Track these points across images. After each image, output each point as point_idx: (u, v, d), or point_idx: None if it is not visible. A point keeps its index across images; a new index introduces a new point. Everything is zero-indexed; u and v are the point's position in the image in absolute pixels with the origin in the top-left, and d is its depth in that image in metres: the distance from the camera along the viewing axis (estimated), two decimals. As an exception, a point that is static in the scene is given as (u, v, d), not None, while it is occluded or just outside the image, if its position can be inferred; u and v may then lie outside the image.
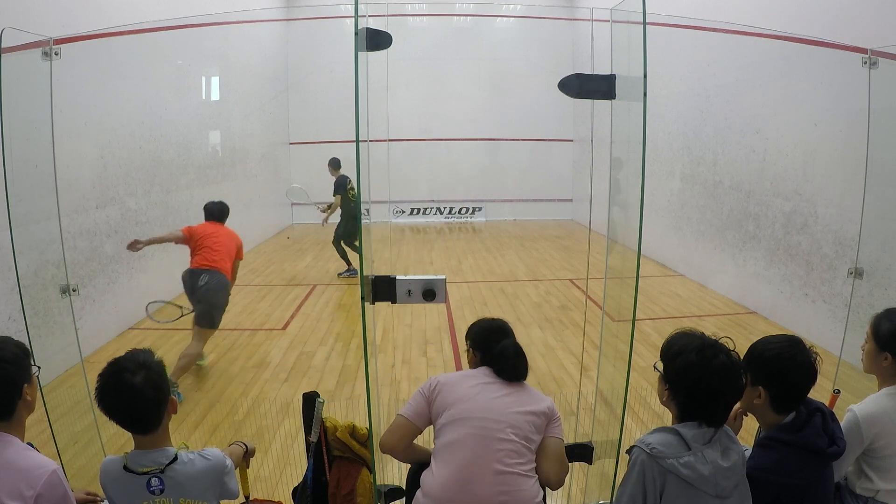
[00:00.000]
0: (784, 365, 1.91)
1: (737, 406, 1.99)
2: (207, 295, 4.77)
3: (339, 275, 8.55)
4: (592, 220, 6.17)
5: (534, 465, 2.11)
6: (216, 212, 5.42)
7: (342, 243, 8.49)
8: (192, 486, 1.81)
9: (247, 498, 2.38)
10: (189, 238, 5.01)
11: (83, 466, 3.08)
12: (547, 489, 2.21)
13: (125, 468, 1.80)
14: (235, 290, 7.92)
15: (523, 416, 2.12)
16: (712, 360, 1.75)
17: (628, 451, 1.84)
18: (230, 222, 5.60)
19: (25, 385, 1.82)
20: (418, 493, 2.08)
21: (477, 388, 2.18)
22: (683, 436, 1.76)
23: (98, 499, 2.12)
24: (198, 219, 8.21)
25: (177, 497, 1.80)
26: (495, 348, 2.28)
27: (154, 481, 1.78)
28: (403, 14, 11.98)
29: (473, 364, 2.40)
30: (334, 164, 8.64)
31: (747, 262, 6.90)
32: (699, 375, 1.75)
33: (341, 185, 8.41)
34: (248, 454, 2.31)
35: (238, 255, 5.35)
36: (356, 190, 2.17)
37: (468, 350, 2.46)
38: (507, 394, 2.17)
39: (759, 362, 1.94)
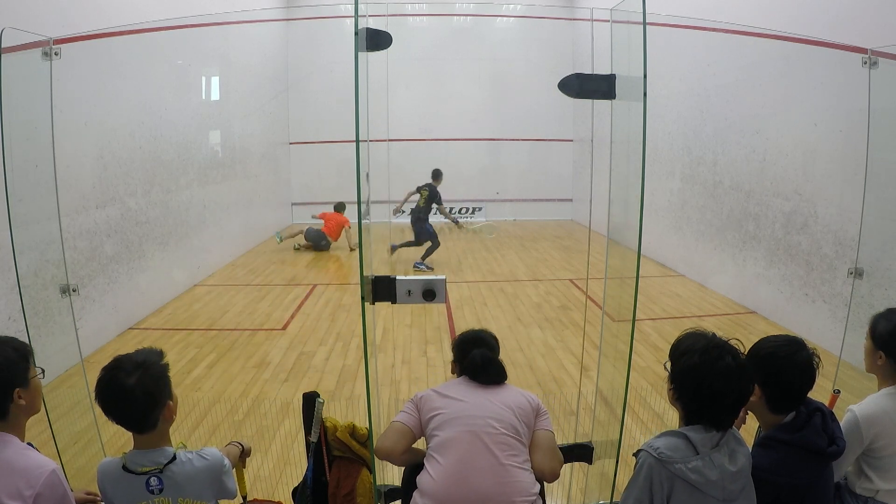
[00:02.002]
0: (779, 364, 1.91)
1: None
2: None
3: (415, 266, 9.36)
4: (592, 220, 6.17)
5: (527, 458, 2.13)
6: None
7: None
8: (190, 486, 1.81)
9: (244, 498, 2.37)
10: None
11: (83, 466, 3.08)
12: (547, 488, 2.21)
13: (124, 468, 1.80)
14: (235, 290, 7.96)
15: (508, 409, 2.17)
16: (716, 361, 1.74)
17: (635, 454, 1.83)
18: (229, 222, 5.58)
19: (19, 389, 1.79)
20: (415, 494, 2.08)
21: (461, 392, 2.25)
22: (691, 440, 1.75)
23: (98, 498, 2.11)
24: (198, 218, 8.30)
25: (175, 496, 1.80)
26: (465, 361, 2.36)
27: (153, 481, 1.79)
28: (403, 14, 11.98)
29: (456, 375, 2.45)
30: (433, 174, 9.90)
31: (747, 262, 6.90)
32: (702, 377, 1.74)
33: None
34: (244, 454, 2.31)
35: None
36: (358, 188, 2.16)
37: (452, 363, 2.53)
38: (491, 393, 2.24)
39: (756, 360, 1.95)
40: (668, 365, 1.87)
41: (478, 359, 2.31)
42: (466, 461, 2.04)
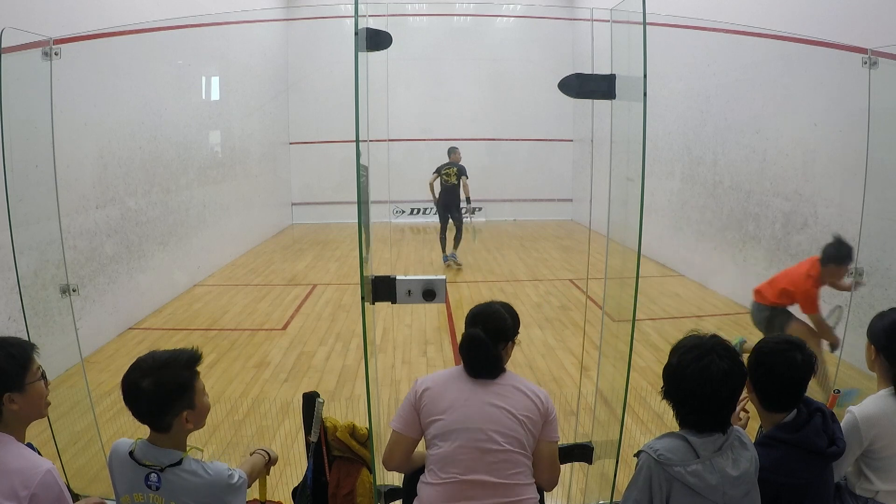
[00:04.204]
0: (769, 361, 1.92)
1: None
2: None
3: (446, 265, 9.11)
4: (592, 220, 6.17)
5: (530, 469, 2.06)
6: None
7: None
8: (185, 496, 1.80)
9: (262, 502, 2.38)
10: None
11: (83, 466, 3.08)
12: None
13: (131, 454, 1.82)
14: (235, 290, 7.96)
15: (516, 421, 2.02)
16: (695, 363, 1.73)
17: (636, 455, 1.83)
18: (228, 222, 5.57)
19: (11, 394, 1.79)
20: (416, 503, 2.07)
21: (463, 393, 2.06)
22: (692, 443, 1.74)
23: None
24: (198, 218, 8.29)
25: (169, 499, 1.80)
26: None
27: (153, 477, 1.80)
28: (403, 14, 11.97)
29: None
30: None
31: (747, 262, 6.90)
32: (681, 378, 1.76)
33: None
34: (270, 462, 2.29)
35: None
36: (358, 188, 2.17)
37: None
38: (495, 395, 2.05)
39: (752, 355, 1.97)
40: None
41: (465, 347, 2.08)
42: (466, 480, 1.98)
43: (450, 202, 9.18)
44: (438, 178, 9.34)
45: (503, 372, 2.12)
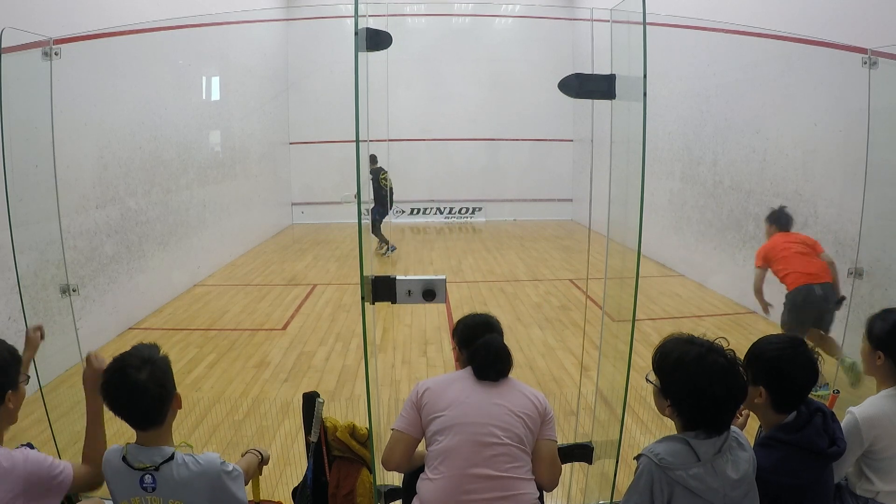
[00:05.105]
0: (785, 365, 1.90)
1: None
2: None
3: (382, 254, 9.22)
4: (592, 220, 6.18)
5: (530, 466, 2.08)
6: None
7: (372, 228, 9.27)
8: (183, 490, 1.80)
9: (258, 502, 2.38)
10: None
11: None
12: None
13: (123, 459, 1.82)
14: (235, 290, 7.96)
15: (515, 418, 2.07)
16: (711, 367, 1.71)
17: (636, 458, 1.82)
18: (229, 222, 5.58)
19: (10, 392, 1.82)
20: (415, 501, 2.07)
21: (464, 392, 2.13)
22: (693, 446, 1.73)
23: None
24: (198, 218, 8.30)
25: (167, 497, 1.80)
26: (472, 348, 2.21)
27: (147, 478, 1.79)
28: (403, 14, 11.98)
29: (461, 363, 2.35)
30: (369, 159, 9.26)
31: (747, 262, 6.89)
32: (702, 388, 1.71)
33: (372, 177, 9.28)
34: (262, 462, 2.30)
35: None
36: (358, 189, 2.18)
37: (454, 348, 2.43)
38: (496, 394, 2.12)
39: (760, 362, 1.94)
40: (653, 377, 1.83)
41: (482, 352, 2.17)
42: (466, 473, 2.00)
43: (389, 204, 9.43)
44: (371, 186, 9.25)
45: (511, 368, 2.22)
